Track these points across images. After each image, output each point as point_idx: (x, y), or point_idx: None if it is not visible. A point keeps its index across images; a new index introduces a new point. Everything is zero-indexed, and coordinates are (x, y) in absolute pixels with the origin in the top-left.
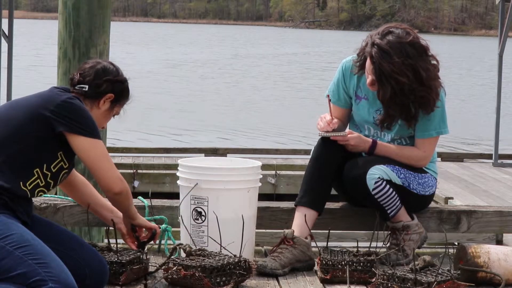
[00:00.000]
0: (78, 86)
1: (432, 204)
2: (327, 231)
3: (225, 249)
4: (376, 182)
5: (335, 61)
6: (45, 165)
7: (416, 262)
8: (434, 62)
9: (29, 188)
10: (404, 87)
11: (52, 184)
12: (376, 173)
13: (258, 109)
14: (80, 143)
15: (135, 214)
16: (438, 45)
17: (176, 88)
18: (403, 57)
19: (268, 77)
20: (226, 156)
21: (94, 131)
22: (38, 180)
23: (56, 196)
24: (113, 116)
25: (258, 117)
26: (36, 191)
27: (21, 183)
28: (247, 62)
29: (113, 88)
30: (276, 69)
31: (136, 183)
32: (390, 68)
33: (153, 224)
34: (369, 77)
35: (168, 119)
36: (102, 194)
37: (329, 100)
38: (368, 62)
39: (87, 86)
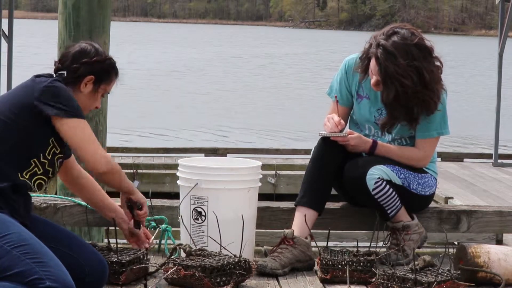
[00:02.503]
0: (58, 72)
1: (432, 204)
2: (327, 231)
3: (225, 249)
4: (376, 182)
5: (335, 61)
6: (41, 154)
7: (416, 262)
8: (438, 63)
9: (26, 177)
10: (408, 90)
11: (50, 171)
12: (376, 173)
13: (258, 109)
14: (64, 124)
15: (131, 189)
16: (438, 45)
17: (176, 88)
18: (408, 59)
19: (268, 77)
20: (226, 156)
21: (77, 112)
22: (36, 169)
23: (56, 196)
24: (103, 95)
25: (258, 117)
26: (34, 179)
27: (19, 174)
28: (247, 62)
29: (91, 69)
30: (276, 69)
31: (136, 183)
32: (395, 70)
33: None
34: (373, 78)
35: (168, 119)
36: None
37: (337, 102)
38: (373, 62)
39: (65, 72)
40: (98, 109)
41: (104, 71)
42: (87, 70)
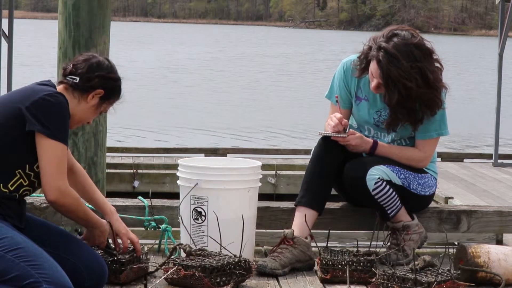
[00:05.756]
0: (70, 76)
1: (432, 204)
2: (327, 231)
3: (225, 249)
4: (376, 183)
5: (335, 61)
6: (27, 165)
7: (416, 262)
8: (438, 65)
9: (11, 188)
10: (412, 92)
11: (36, 182)
12: (376, 173)
13: (258, 109)
14: (42, 142)
15: (93, 222)
16: (438, 45)
17: (176, 88)
18: (411, 61)
19: (268, 77)
20: (226, 156)
21: (58, 133)
22: (21, 180)
23: None
24: (100, 113)
25: (258, 117)
26: (21, 190)
27: (1, 184)
28: (247, 62)
29: (104, 84)
30: (276, 69)
31: (136, 183)
32: (398, 73)
33: (130, 236)
34: (374, 81)
35: (168, 119)
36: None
37: (337, 100)
38: (373, 65)
39: (78, 78)
40: (89, 124)
41: (113, 90)
42: (100, 83)
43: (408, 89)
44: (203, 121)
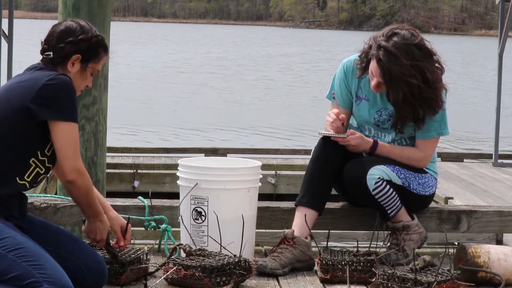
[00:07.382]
0: (44, 54)
1: (432, 204)
2: (327, 231)
3: (225, 249)
4: (376, 183)
5: (335, 61)
6: (39, 152)
7: (416, 262)
8: (438, 66)
9: (28, 179)
10: (414, 88)
11: (51, 166)
12: (376, 173)
13: (258, 109)
14: (55, 126)
15: (98, 211)
16: (438, 45)
17: (176, 88)
18: (410, 59)
19: (268, 77)
20: (226, 156)
21: (71, 113)
22: (38, 169)
23: (56, 196)
24: (92, 74)
25: (258, 117)
26: (39, 179)
27: (17, 178)
28: (247, 62)
29: (77, 48)
30: (276, 69)
31: (136, 183)
32: (400, 71)
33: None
34: (374, 80)
35: (168, 119)
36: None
37: (334, 97)
38: (373, 64)
39: (51, 53)
40: (89, 87)
41: (91, 49)
42: (73, 49)
43: (411, 86)
44: (203, 121)
